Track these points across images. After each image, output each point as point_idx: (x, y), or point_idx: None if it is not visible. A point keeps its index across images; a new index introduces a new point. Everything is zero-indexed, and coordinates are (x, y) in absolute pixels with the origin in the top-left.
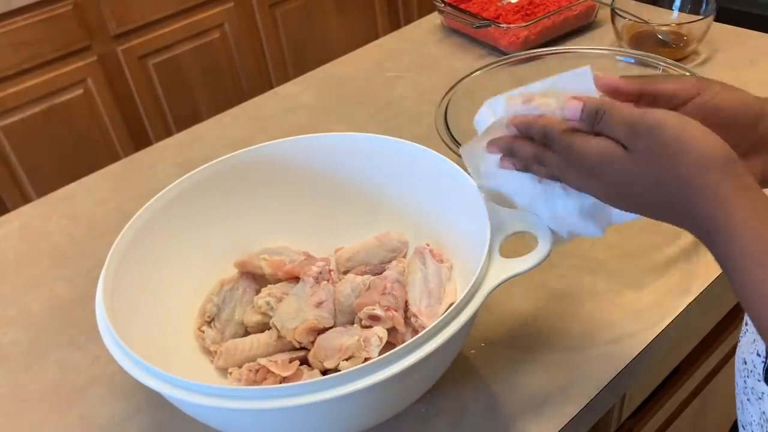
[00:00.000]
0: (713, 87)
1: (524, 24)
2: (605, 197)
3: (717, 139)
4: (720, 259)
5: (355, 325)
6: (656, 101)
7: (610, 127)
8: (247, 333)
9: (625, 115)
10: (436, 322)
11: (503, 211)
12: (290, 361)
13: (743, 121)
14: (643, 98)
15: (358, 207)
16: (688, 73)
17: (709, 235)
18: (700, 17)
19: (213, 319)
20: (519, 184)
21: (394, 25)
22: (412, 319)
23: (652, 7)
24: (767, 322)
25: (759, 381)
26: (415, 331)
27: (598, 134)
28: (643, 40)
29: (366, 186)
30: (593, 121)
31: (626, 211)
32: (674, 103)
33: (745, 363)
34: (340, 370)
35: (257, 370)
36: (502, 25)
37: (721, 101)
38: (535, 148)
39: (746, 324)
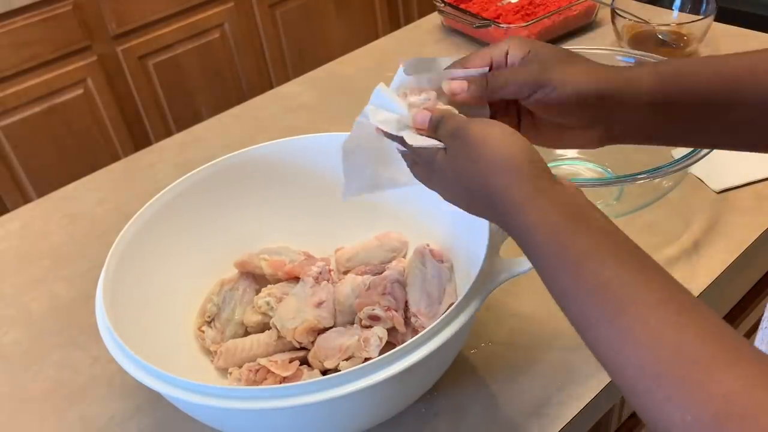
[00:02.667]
0: (552, 82)
1: (524, 24)
2: (432, 189)
3: (517, 144)
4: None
5: (355, 325)
6: (502, 98)
7: (442, 133)
8: (247, 333)
9: (451, 123)
10: (436, 322)
11: None
12: (290, 361)
13: (581, 110)
14: (492, 98)
15: (358, 207)
16: None
17: (513, 235)
18: (700, 17)
19: (213, 319)
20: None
21: (394, 25)
22: (412, 319)
23: (652, 7)
24: (579, 326)
25: None
26: (415, 331)
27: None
28: (643, 40)
29: None
30: (435, 129)
31: (449, 201)
32: (518, 97)
33: None
34: (340, 370)
35: (257, 370)
36: (502, 25)
37: (558, 97)
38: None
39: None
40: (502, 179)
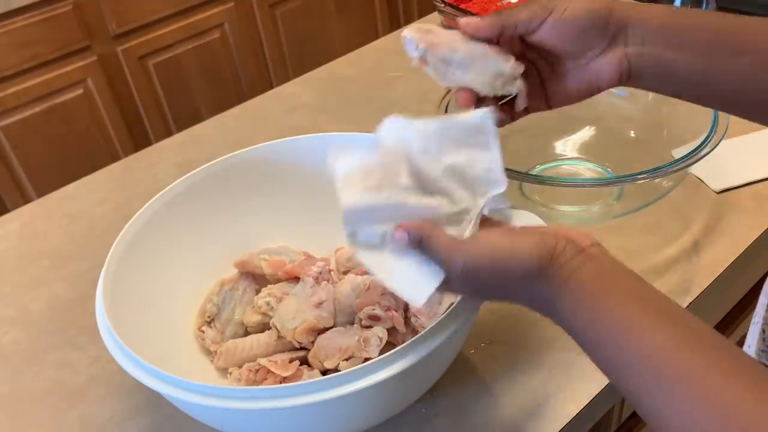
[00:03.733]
0: (560, 5)
1: None
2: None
3: (525, 256)
4: None
5: (355, 325)
6: (517, 29)
7: (429, 259)
8: (247, 333)
9: (434, 252)
10: (436, 322)
11: (503, 212)
12: (290, 361)
13: (594, 26)
14: (506, 31)
15: None
16: None
17: (560, 325)
18: None
19: (213, 319)
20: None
21: (394, 25)
22: (412, 319)
23: None
24: (631, 400)
25: None
26: (415, 331)
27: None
28: None
29: None
30: (418, 247)
31: None
32: (533, 27)
33: None
34: (340, 370)
35: (257, 371)
36: None
37: (569, 16)
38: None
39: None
40: (524, 291)
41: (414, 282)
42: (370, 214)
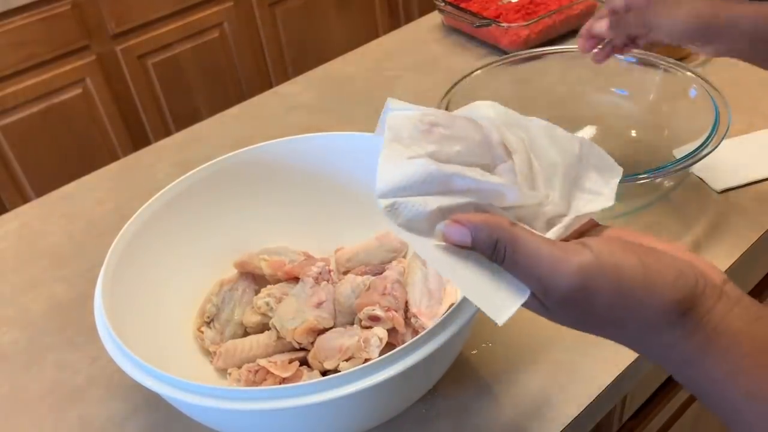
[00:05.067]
0: (656, 27)
1: (525, 23)
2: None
3: (663, 292)
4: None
5: (355, 325)
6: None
7: (514, 273)
8: (246, 333)
9: (533, 268)
10: (437, 322)
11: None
12: (290, 362)
13: (686, 41)
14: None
15: (358, 207)
16: (689, 72)
17: (691, 389)
18: None
19: (212, 320)
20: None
21: (394, 24)
22: (413, 320)
23: None
24: None
25: None
26: (416, 332)
27: None
28: None
29: (366, 186)
30: (491, 255)
31: None
32: (639, 37)
33: None
34: (339, 371)
35: (257, 371)
36: (502, 25)
37: (664, 37)
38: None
39: None
40: (651, 335)
41: (487, 289)
42: (414, 182)
